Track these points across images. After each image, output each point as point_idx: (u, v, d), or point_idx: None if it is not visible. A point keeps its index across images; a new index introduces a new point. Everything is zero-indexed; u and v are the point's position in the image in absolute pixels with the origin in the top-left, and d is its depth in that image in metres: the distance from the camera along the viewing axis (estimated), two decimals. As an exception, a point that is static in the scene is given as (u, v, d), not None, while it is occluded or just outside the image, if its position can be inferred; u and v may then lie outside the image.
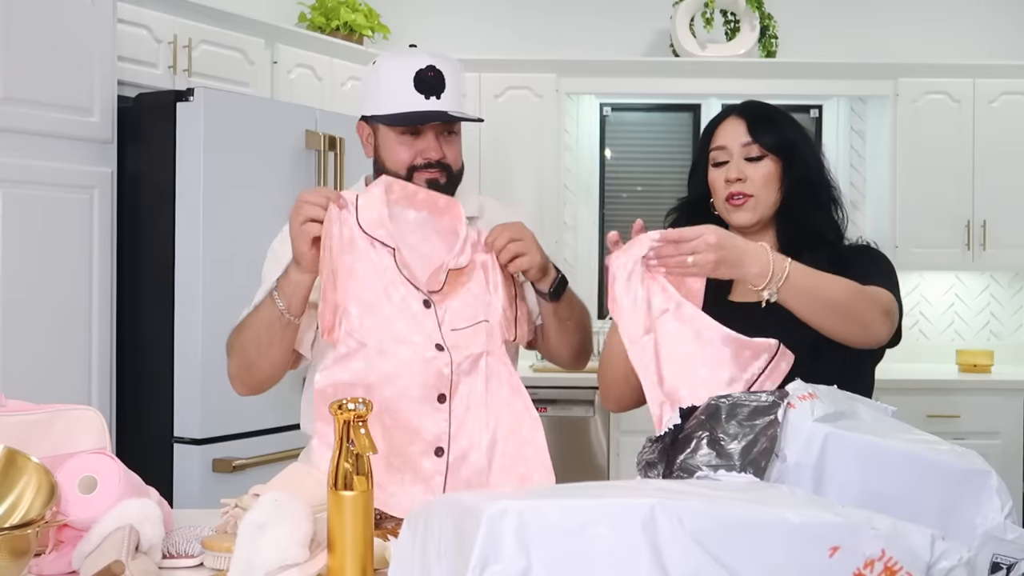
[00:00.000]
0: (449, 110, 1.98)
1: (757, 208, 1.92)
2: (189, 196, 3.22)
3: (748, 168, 1.92)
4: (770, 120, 1.95)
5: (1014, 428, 4.57)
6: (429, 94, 1.97)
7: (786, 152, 1.93)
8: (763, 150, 1.92)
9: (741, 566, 1.07)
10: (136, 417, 3.29)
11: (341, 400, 1.42)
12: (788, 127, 1.96)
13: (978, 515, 1.33)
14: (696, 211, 1.98)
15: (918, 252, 4.83)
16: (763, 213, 1.93)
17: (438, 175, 2.01)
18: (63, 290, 3.07)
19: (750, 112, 1.96)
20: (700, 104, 5.21)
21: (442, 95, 1.97)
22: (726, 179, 1.93)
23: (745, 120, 1.94)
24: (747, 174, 1.92)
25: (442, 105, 1.97)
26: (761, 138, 1.92)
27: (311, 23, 4.51)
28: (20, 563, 1.41)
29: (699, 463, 1.36)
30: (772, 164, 1.92)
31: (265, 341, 1.96)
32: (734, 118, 1.96)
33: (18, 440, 1.60)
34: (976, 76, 4.82)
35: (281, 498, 1.45)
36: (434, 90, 1.97)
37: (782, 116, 1.98)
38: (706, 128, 2.00)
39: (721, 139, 1.95)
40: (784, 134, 1.94)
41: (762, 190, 1.92)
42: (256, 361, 1.99)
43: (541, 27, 5.15)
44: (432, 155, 2.00)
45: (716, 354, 1.66)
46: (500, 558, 1.04)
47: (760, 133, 1.93)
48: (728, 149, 1.94)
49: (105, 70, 3.17)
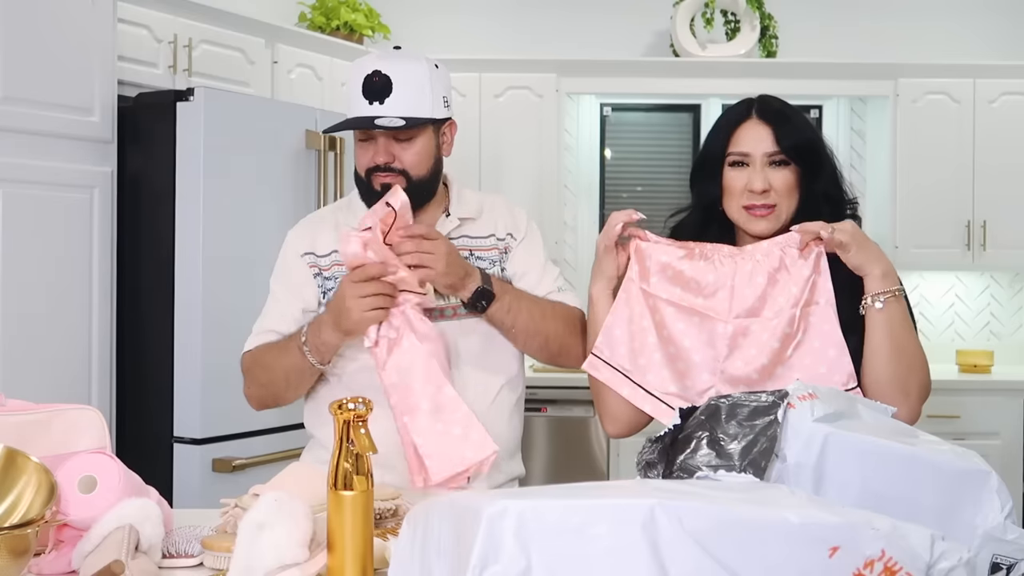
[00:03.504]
0: (391, 115, 1.97)
1: (779, 217, 1.85)
2: (189, 196, 3.22)
3: (772, 176, 1.83)
4: (793, 124, 1.85)
5: (1014, 428, 4.57)
6: (372, 99, 1.99)
7: (809, 158, 1.85)
8: (788, 158, 1.84)
9: (741, 566, 1.07)
10: (136, 417, 3.29)
11: (341, 400, 1.42)
12: (806, 127, 1.88)
13: (978, 515, 1.33)
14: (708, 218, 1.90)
15: (918, 252, 4.83)
16: (784, 221, 1.85)
17: (392, 179, 2.01)
18: (63, 290, 3.07)
19: (772, 115, 1.86)
20: (700, 104, 5.21)
21: (387, 100, 1.98)
22: (749, 188, 1.83)
23: (771, 126, 1.84)
24: (772, 183, 1.83)
25: (385, 110, 1.98)
26: (786, 145, 1.83)
27: (311, 23, 4.51)
28: (20, 563, 1.41)
29: (699, 463, 1.36)
30: (794, 171, 1.84)
31: (295, 383, 2.06)
32: (757, 123, 1.85)
33: (18, 440, 1.60)
34: (976, 76, 4.82)
35: (281, 498, 1.45)
36: (377, 95, 1.98)
37: (801, 118, 1.89)
38: (722, 127, 1.89)
39: (743, 144, 1.85)
40: (808, 138, 1.86)
41: (785, 199, 1.84)
42: (284, 395, 2.10)
43: (541, 27, 5.15)
44: (380, 159, 2.01)
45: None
46: (500, 558, 1.04)
47: (786, 139, 1.83)
48: (751, 155, 1.84)
49: (105, 70, 3.17)
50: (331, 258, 2.07)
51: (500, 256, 2.12)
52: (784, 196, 1.84)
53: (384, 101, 1.98)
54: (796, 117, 1.88)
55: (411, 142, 2.02)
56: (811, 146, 1.86)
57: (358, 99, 2.00)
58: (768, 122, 1.85)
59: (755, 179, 1.83)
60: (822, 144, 1.89)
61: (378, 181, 2.01)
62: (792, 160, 1.84)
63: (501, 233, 2.13)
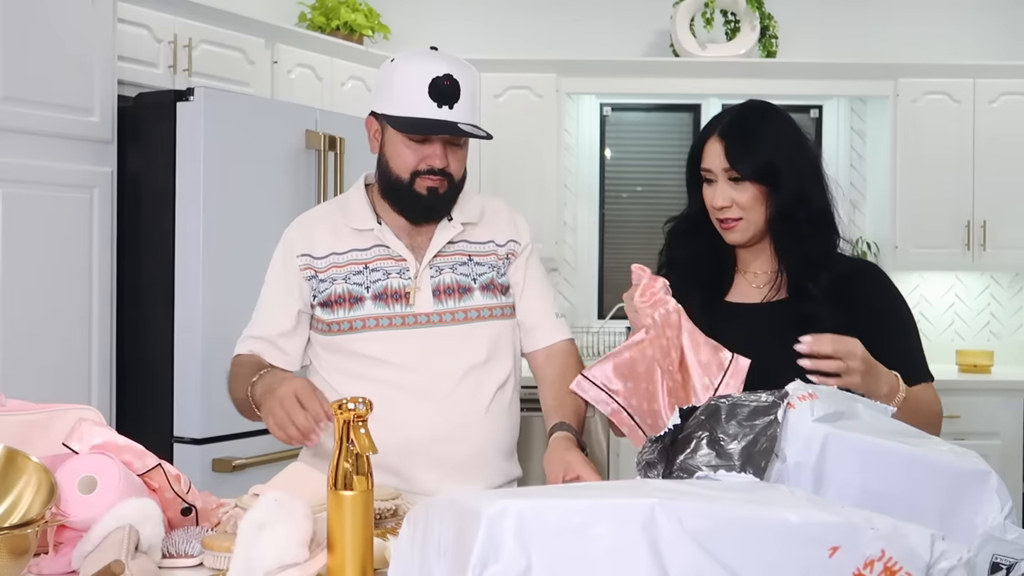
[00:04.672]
0: (461, 121, 1.96)
1: (748, 229, 1.91)
2: (189, 196, 3.22)
3: (733, 192, 1.88)
4: (748, 144, 1.87)
5: (1014, 428, 4.57)
6: (443, 103, 1.95)
7: (767, 179, 1.87)
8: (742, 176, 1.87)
9: (741, 566, 1.07)
10: (136, 417, 3.29)
11: (341, 400, 1.42)
12: (770, 148, 1.87)
13: (978, 515, 1.33)
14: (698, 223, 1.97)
15: (918, 252, 4.83)
16: (754, 231, 1.91)
17: (439, 183, 2.00)
18: (63, 290, 3.07)
19: (728, 134, 1.89)
20: (700, 104, 5.21)
21: (455, 105, 1.95)
22: (711, 204, 1.91)
23: (723, 144, 1.88)
24: (732, 198, 1.88)
25: (455, 115, 1.95)
26: (738, 165, 1.87)
27: (311, 23, 4.51)
28: (20, 563, 1.41)
29: (699, 463, 1.36)
30: (756, 186, 1.87)
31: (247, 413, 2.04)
32: (715, 140, 1.90)
33: (18, 440, 1.60)
34: (976, 76, 4.82)
35: (281, 498, 1.45)
36: (448, 99, 1.95)
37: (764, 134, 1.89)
38: (693, 144, 1.96)
39: (705, 160, 1.91)
40: (763, 158, 1.86)
41: (750, 212, 1.89)
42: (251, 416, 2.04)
43: (541, 27, 5.15)
44: (436, 163, 1.99)
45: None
46: (500, 558, 1.04)
47: (737, 160, 1.87)
48: (713, 171, 1.90)
49: (105, 70, 3.17)
50: (328, 260, 2.07)
51: (500, 263, 2.11)
52: (749, 209, 1.89)
53: (453, 106, 1.95)
54: (757, 135, 1.88)
55: (463, 148, 2.03)
56: (766, 167, 1.86)
57: (423, 99, 1.94)
58: (724, 139, 1.88)
59: (716, 195, 1.90)
60: (786, 162, 1.87)
61: (424, 184, 1.99)
62: (747, 179, 1.87)
63: (501, 239, 2.13)
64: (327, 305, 2.04)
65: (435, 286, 2.04)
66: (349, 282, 2.04)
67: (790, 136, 1.92)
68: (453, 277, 2.05)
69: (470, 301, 2.05)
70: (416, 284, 2.03)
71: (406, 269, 2.04)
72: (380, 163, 2.06)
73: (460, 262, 2.07)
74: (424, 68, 1.96)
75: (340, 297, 2.04)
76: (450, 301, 2.03)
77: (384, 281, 2.04)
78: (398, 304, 2.03)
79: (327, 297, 2.04)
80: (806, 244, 1.89)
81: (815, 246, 1.90)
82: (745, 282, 1.98)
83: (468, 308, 2.05)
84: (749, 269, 1.98)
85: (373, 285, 2.03)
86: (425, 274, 2.04)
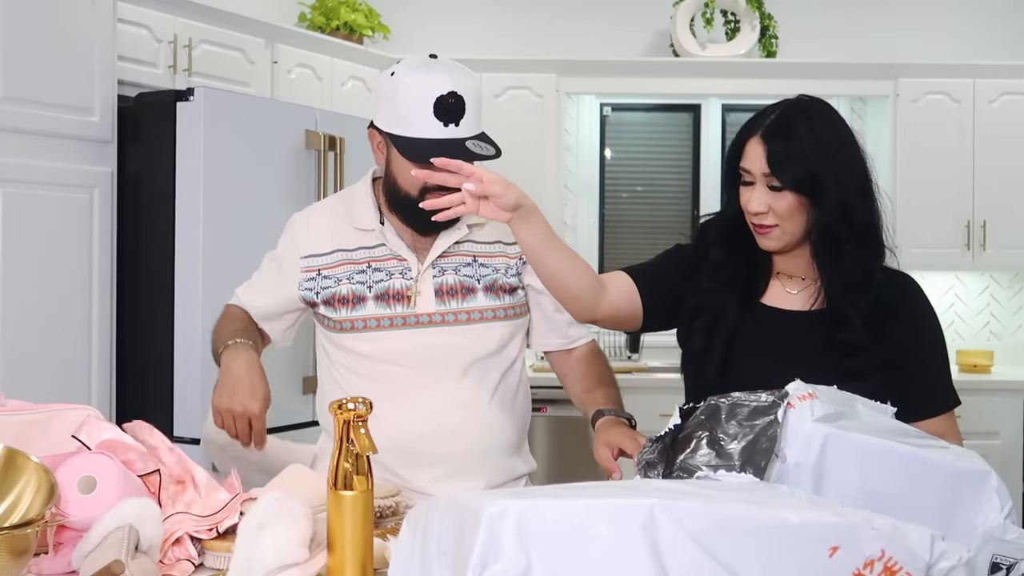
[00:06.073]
0: (468, 135, 1.93)
1: (783, 237, 1.79)
2: (189, 196, 3.22)
3: (770, 198, 1.75)
4: (791, 151, 1.73)
5: (1014, 428, 4.57)
6: (448, 121, 1.92)
7: (808, 190, 1.74)
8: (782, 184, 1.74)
9: (741, 566, 1.07)
10: (136, 417, 3.26)
11: (341, 400, 1.42)
12: (814, 156, 1.74)
13: (978, 515, 1.33)
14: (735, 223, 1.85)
15: (918, 252, 4.82)
16: (790, 240, 1.80)
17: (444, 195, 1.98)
18: (63, 290, 3.07)
19: (772, 137, 1.75)
20: (700, 104, 5.21)
21: (461, 121, 1.93)
22: (747, 208, 1.78)
23: (765, 147, 1.74)
24: (770, 204, 1.75)
25: (461, 131, 1.93)
26: (779, 173, 1.73)
27: (311, 23, 4.51)
28: (20, 563, 1.41)
29: (699, 463, 1.36)
30: (795, 196, 1.75)
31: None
32: (756, 141, 1.76)
33: (18, 440, 1.60)
34: (976, 76, 4.82)
35: (281, 498, 1.45)
36: (454, 117, 1.92)
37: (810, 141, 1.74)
38: (733, 142, 1.81)
39: (745, 160, 1.78)
40: (806, 167, 1.73)
41: (787, 222, 1.77)
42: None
43: (541, 27, 5.15)
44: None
45: None
46: (500, 558, 1.04)
47: (778, 167, 1.74)
48: (752, 173, 1.77)
49: (105, 70, 3.17)
50: (334, 256, 2.06)
51: (512, 262, 2.08)
52: (785, 218, 1.76)
53: (459, 123, 1.93)
54: (801, 142, 1.74)
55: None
56: (808, 178, 1.73)
57: (428, 119, 1.91)
58: (767, 142, 1.75)
59: (752, 199, 1.77)
60: (831, 174, 1.74)
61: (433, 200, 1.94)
62: (786, 188, 1.74)
63: (508, 239, 2.10)
64: (330, 304, 2.04)
65: (437, 287, 2.03)
66: (352, 282, 2.04)
67: (838, 143, 1.78)
68: (456, 278, 2.05)
69: (473, 302, 2.05)
70: (417, 287, 2.03)
71: (408, 269, 2.04)
72: (387, 178, 2.03)
73: (464, 263, 2.06)
74: (427, 85, 1.93)
75: (343, 297, 2.03)
76: (452, 302, 2.03)
77: (386, 282, 2.03)
78: (399, 305, 2.02)
79: (330, 296, 2.04)
80: (847, 262, 1.79)
81: (857, 263, 1.80)
82: (780, 285, 1.89)
83: (471, 309, 2.04)
84: (785, 272, 1.88)
85: (376, 285, 2.03)
86: (427, 275, 2.04)
